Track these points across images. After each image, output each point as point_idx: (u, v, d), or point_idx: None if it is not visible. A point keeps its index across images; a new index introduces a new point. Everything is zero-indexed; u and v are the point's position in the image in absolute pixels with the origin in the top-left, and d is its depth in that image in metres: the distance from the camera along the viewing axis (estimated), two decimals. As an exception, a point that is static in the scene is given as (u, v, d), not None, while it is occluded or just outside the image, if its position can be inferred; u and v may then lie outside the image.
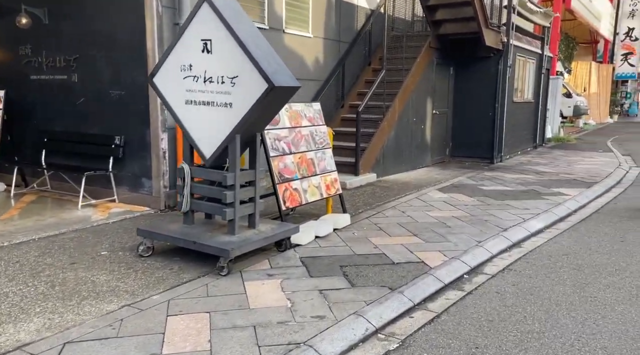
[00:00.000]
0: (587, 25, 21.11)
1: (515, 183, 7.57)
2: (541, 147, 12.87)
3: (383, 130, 7.81)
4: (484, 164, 9.65)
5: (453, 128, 10.20)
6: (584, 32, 24.10)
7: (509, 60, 9.59)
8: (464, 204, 6.04)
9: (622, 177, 8.51)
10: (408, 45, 8.85)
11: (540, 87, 12.17)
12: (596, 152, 12.00)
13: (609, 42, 25.27)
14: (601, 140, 14.99)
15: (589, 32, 24.16)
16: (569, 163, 9.90)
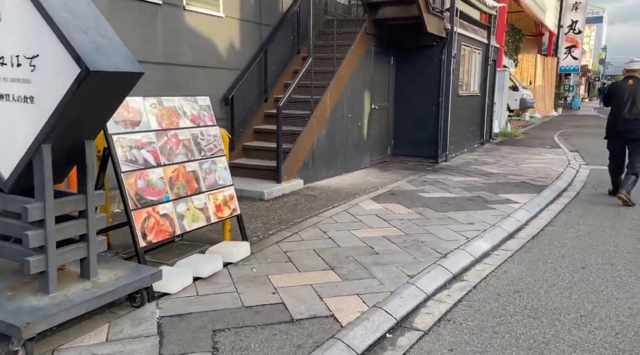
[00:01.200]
0: (532, 17, 20.90)
1: (460, 188, 6.70)
2: (489, 143, 12.24)
3: (312, 128, 6.73)
4: (428, 164, 8.79)
5: (395, 124, 9.27)
6: (530, 25, 24.02)
7: (453, 50, 8.73)
8: (399, 219, 5.05)
9: (573, 178, 7.85)
10: (343, 31, 7.79)
11: (486, 79, 11.47)
12: (544, 148, 11.47)
13: (553, 34, 25.36)
14: (548, 135, 14.62)
15: (534, 24, 24.10)
16: (517, 162, 9.21)
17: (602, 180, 7.70)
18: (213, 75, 6.29)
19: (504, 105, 14.59)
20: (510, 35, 18.49)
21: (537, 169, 8.40)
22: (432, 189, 6.63)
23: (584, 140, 13.38)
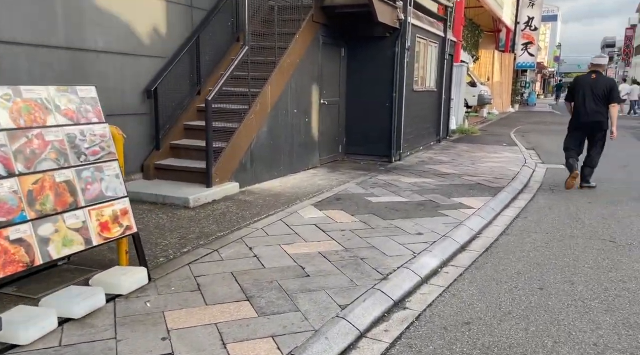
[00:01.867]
0: (490, 13, 20.81)
1: (412, 191, 6.18)
2: (446, 140, 11.88)
3: (250, 124, 6.04)
4: (381, 163, 8.27)
5: (347, 121, 8.69)
6: (488, 20, 24.01)
7: (407, 42, 8.21)
8: (340, 229, 4.46)
9: (529, 178, 7.50)
10: (289, 19, 7.12)
11: (443, 74, 11.07)
12: (500, 145, 11.20)
13: (510, 31, 25.50)
14: (505, 132, 14.46)
15: (492, 20, 24.11)
16: (473, 160, 8.82)
17: (558, 180, 7.38)
18: (132, 64, 5.49)
19: (462, 101, 14.31)
20: (469, 30, 18.30)
21: (492, 168, 8.02)
22: (381, 192, 6.08)
23: (539, 138, 13.26)
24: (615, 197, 6.22)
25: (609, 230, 4.81)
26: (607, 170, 8.10)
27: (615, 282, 3.52)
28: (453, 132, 13.45)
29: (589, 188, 6.76)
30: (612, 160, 9.21)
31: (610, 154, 9.89)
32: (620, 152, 10.27)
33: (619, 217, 5.26)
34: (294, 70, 6.85)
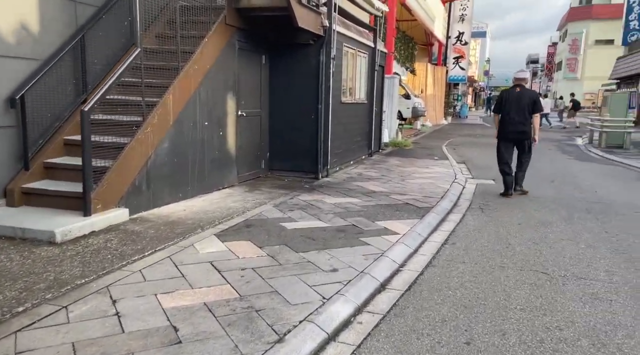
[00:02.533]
0: (423, 26, 21.04)
1: (334, 213, 5.56)
2: (378, 154, 11.48)
3: (145, 139, 5.17)
4: (307, 180, 7.63)
5: (270, 134, 8.00)
6: (421, 34, 24.37)
7: (333, 50, 7.67)
8: (240, 268, 3.72)
9: (459, 196, 7.14)
10: (198, 20, 6.34)
11: (374, 86, 10.68)
12: (432, 159, 10.94)
13: (442, 44, 26.04)
14: (437, 145, 14.36)
15: (425, 34, 24.49)
16: (403, 177, 8.39)
17: (488, 198, 7.07)
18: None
19: (395, 114, 14.07)
20: (403, 43, 18.30)
21: (422, 185, 7.61)
22: (301, 215, 5.41)
23: (470, 151, 13.23)
24: (546, 217, 5.93)
25: (541, 258, 4.41)
26: (536, 185, 7.94)
27: (551, 330, 3.03)
28: (386, 145, 13.14)
29: (522, 193, 7.24)
30: (540, 175, 9.14)
31: (538, 168, 9.91)
32: (547, 167, 10.29)
33: (550, 242, 4.91)
34: (204, 78, 6.07)
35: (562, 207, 6.44)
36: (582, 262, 4.29)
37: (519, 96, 6.94)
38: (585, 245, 4.80)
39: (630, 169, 10.26)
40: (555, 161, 11.40)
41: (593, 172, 9.78)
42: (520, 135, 6.98)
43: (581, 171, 9.81)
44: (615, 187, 8.04)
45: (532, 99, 6.93)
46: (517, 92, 6.98)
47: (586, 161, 11.46)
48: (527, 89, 7.09)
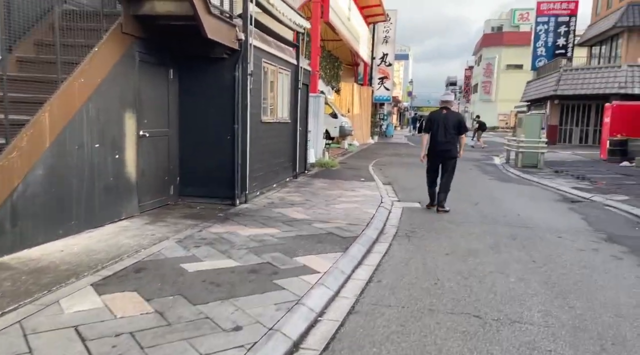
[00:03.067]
0: (348, 46, 21.12)
1: (248, 249, 4.88)
2: (303, 176, 10.95)
3: (9, 167, 4.22)
4: (223, 207, 6.89)
5: (181, 156, 7.19)
6: (347, 54, 24.52)
7: (250, 66, 7.06)
8: (114, 334, 2.93)
9: (385, 222, 6.73)
10: (87, 27, 5.48)
11: (298, 104, 10.19)
12: (359, 181, 10.59)
13: (367, 65, 26.40)
14: (364, 165, 14.13)
15: (350, 54, 24.68)
16: (329, 201, 7.89)
17: (415, 223, 6.73)
18: None
19: (321, 133, 13.69)
20: (328, 62, 18.14)
21: (348, 210, 7.14)
22: (207, 253, 4.67)
23: (396, 171, 13.11)
24: (473, 245, 5.64)
25: (472, 296, 4.02)
26: (462, 209, 7.77)
27: (490, 398, 2.56)
28: (312, 165, 12.68)
29: (444, 212, 7.52)
30: (465, 196, 9.06)
31: (462, 189, 9.88)
32: (470, 188, 10.30)
33: (480, 275, 4.56)
34: (94, 93, 5.19)
35: (488, 233, 6.21)
36: (515, 301, 3.94)
37: (446, 118, 7.44)
38: (515, 278, 4.49)
39: (547, 189, 10.53)
40: (478, 182, 11.50)
41: (513, 193, 9.90)
42: (446, 154, 7.45)
43: (502, 192, 9.89)
44: (535, 208, 8.07)
45: (458, 120, 7.47)
46: (443, 114, 7.48)
47: (506, 181, 11.68)
48: (452, 111, 7.60)
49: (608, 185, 10.61)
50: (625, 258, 5.18)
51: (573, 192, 9.78)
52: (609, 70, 23.04)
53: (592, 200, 8.95)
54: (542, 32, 30.66)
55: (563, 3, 29.79)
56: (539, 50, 30.95)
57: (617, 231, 6.45)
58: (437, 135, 7.41)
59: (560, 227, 6.59)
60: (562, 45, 30.20)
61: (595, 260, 5.08)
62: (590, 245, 5.70)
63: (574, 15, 29.99)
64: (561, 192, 9.95)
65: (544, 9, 30.26)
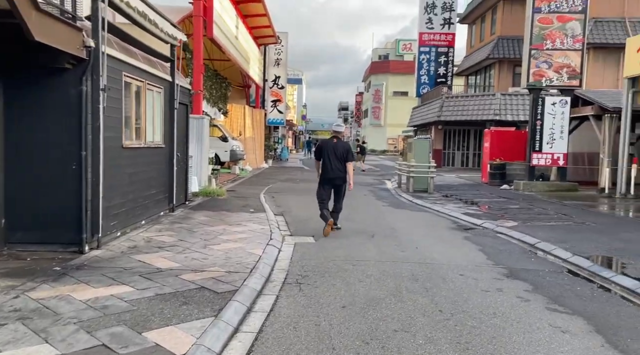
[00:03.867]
0: (237, 66, 20.16)
1: (80, 323, 3.56)
2: (183, 208, 9.58)
3: None
4: (64, 257, 5.40)
5: (7, 193, 5.57)
6: (237, 75, 23.52)
7: (103, 79, 5.73)
8: None
9: (273, 266, 5.74)
10: None
11: (174, 127, 8.90)
12: (247, 212, 9.51)
13: (259, 87, 25.62)
14: (255, 193, 13.07)
15: (241, 75, 23.71)
16: (207, 240, 6.70)
17: (307, 265, 5.83)
18: None
19: (205, 159, 12.40)
20: (215, 82, 16.95)
21: (229, 252, 6.02)
22: (12, 335, 3.27)
23: (290, 199, 12.26)
24: (373, 292, 4.86)
25: (376, 374, 3.15)
26: (358, 243, 7.06)
27: None
28: (196, 195, 11.33)
29: (337, 229, 7.99)
30: (360, 227, 8.43)
31: (357, 218, 9.28)
32: (365, 216, 9.75)
33: (383, 337, 3.74)
34: None
35: (388, 275, 5.50)
36: (427, 375, 3.15)
37: (335, 146, 7.79)
38: (423, 338, 3.74)
39: (440, 215, 10.37)
40: (372, 209, 11.06)
41: (408, 221, 9.52)
42: (337, 181, 7.81)
43: (397, 220, 9.46)
44: (432, 239, 7.66)
45: (346, 149, 7.85)
46: (333, 143, 7.84)
47: (400, 208, 11.40)
48: (341, 140, 8.00)
49: (495, 210, 10.77)
50: (531, 299, 4.74)
51: (465, 219, 9.67)
52: (484, 98, 24.86)
53: (484, 227, 8.84)
54: (424, 61, 32.53)
55: (442, 35, 31.96)
56: (423, 78, 32.75)
57: (515, 264, 6.15)
58: (328, 163, 7.74)
59: (461, 262, 6.13)
60: (442, 74, 32.26)
61: (503, 304, 4.56)
62: (493, 283, 5.23)
63: (452, 47, 32.31)
64: (454, 219, 9.81)
65: (426, 40, 32.18)
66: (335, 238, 7.49)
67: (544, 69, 14.89)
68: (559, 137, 14.99)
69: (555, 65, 14.83)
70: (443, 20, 32.25)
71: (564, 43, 14.76)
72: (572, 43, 14.74)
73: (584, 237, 7.51)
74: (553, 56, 14.83)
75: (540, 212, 10.36)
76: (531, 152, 15.15)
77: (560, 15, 14.71)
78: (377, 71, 63.42)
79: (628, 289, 5.05)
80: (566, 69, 14.83)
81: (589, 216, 9.91)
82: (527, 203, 12.00)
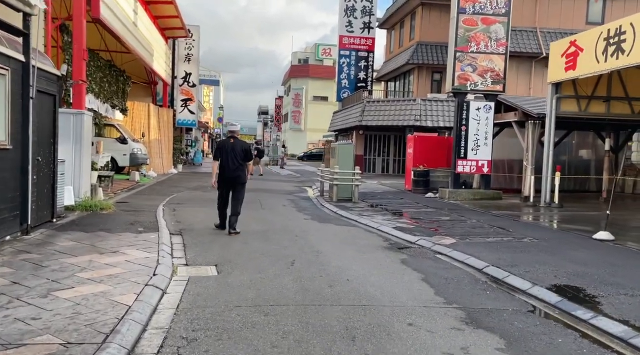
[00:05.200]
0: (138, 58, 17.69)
1: None
2: (47, 227, 7.36)
3: None
4: None
5: None
6: (141, 70, 20.90)
7: None
8: None
9: (147, 323, 3.94)
10: None
11: (28, 122, 6.69)
12: (134, 232, 7.51)
13: (167, 84, 23.11)
14: (153, 204, 10.95)
15: (145, 71, 21.12)
16: (57, 281, 4.70)
17: (201, 316, 4.11)
18: None
19: (87, 164, 10.09)
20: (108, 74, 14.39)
21: (83, 303, 4.11)
22: None
23: (195, 211, 10.34)
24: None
25: None
26: (272, 274, 5.45)
27: None
28: (71, 209, 9.04)
29: (236, 233, 7.77)
30: (277, 251, 6.82)
31: (274, 238, 7.48)
32: (285, 237, 8.14)
33: None
34: None
35: (314, 328, 3.95)
36: None
37: (233, 146, 7.87)
38: None
39: (369, 230, 9.06)
40: (293, 224, 9.49)
41: (335, 239, 8.07)
42: (235, 180, 7.87)
43: (322, 239, 7.97)
44: (365, 265, 6.24)
45: (244, 148, 7.97)
46: (231, 143, 7.92)
47: (324, 222, 9.95)
48: (239, 140, 8.07)
49: (426, 223, 9.69)
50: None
51: (397, 235, 8.43)
52: (405, 103, 24.44)
53: (420, 245, 7.63)
54: (344, 64, 31.78)
55: (362, 39, 31.40)
56: (343, 82, 31.96)
57: (470, 301, 4.88)
58: (226, 163, 7.79)
59: (405, 301, 4.74)
60: (362, 79, 31.69)
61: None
62: (454, 339, 3.87)
63: (372, 51, 31.88)
64: (385, 235, 8.53)
65: (346, 43, 31.44)
66: (244, 267, 5.82)
67: (469, 72, 14.33)
68: (483, 143, 14.48)
69: (479, 69, 14.33)
70: (363, 24, 31.73)
71: (488, 46, 14.30)
72: (496, 46, 14.32)
73: (533, 259, 6.52)
74: (478, 59, 14.31)
75: (474, 226, 9.44)
76: (456, 158, 14.50)
77: (484, 17, 14.23)
78: (297, 75, 62.38)
79: (619, 339, 3.93)
80: (490, 73, 14.38)
81: (527, 230, 9.12)
82: (457, 214, 11.12)
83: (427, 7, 27.09)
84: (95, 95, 12.44)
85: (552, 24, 22.80)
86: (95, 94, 12.37)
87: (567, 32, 23.12)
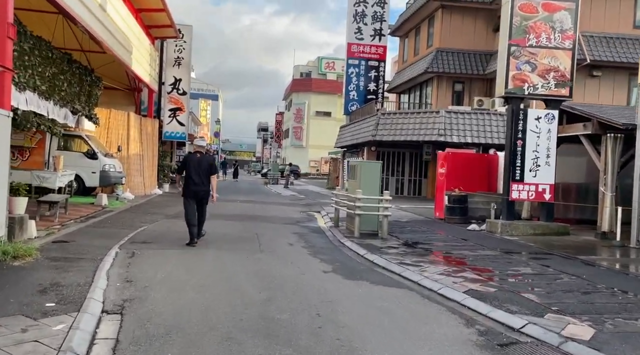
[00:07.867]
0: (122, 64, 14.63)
1: None
2: None
3: None
4: None
5: None
6: (122, 75, 17.87)
7: None
8: None
9: None
10: None
11: None
12: (30, 315, 4.24)
13: (154, 92, 20.05)
14: (104, 245, 7.65)
15: (127, 76, 18.09)
16: None
17: None
18: None
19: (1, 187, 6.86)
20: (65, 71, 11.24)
21: None
22: None
23: (161, 258, 7.09)
24: None
25: None
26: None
27: None
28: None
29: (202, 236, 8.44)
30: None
31: (280, 328, 4.51)
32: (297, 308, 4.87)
33: None
34: None
35: None
36: None
37: (199, 161, 8.22)
38: None
39: (430, 297, 5.79)
40: (308, 284, 6.23)
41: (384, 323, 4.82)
42: (200, 193, 8.22)
43: (364, 324, 4.71)
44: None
45: (209, 163, 8.37)
46: (197, 158, 8.28)
47: (353, 277, 6.67)
48: (205, 155, 8.54)
49: (509, 282, 6.47)
50: None
51: (479, 310, 5.17)
52: (426, 115, 21.37)
53: (535, 338, 4.39)
54: (353, 75, 28.88)
55: (372, 47, 28.57)
56: (352, 94, 29.01)
57: None
58: (192, 177, 8.07)
59: None
60: (373, 91, 28.75)
61: None
62: None
63: (383, 61, 29.04)
64: (459, 309, 5.27)
65: (355, 51, 28.59)
66: None
67: (527, 71, 11.24)
68: (544, 162, 11.32)
69: (540, 68, 11.24)
70: (373, 31, 28.89)
71: (550, 39, 11.24)
72: (561, 39, 11.27)
73: None
74: (538, 56, 11.24)
75: (583, 287, 6.20)
76: (510, 181, 11.32)
77: (546, 2, 11.21)
78: (298, 89, 59.66)
79: None
80: (553, 73, 11.29)
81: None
82: (536, 262, 7.87)
83: (448, 10, 24.27)
84: (41, 95, 9.35)
85: (596, 28, 19.92)
86: (41, 93, 9.30)
87: (612, 36, 20.27)
